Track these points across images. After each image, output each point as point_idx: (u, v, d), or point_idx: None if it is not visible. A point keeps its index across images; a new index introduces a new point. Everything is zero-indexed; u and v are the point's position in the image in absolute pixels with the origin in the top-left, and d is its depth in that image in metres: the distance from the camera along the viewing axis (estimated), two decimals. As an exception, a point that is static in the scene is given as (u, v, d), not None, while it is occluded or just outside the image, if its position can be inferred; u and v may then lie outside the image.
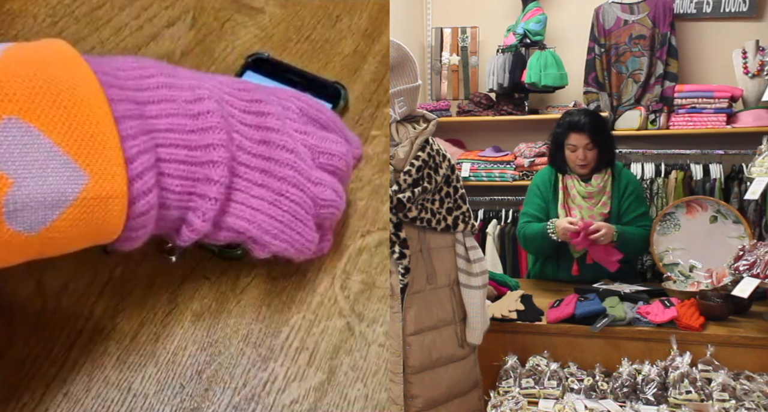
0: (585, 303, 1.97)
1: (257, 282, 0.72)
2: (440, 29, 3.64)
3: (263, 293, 0.71)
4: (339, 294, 0.72)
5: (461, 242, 1.65)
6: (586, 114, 2.36)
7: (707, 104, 3.13)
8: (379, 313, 0.72)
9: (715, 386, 1.59)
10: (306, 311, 0.71)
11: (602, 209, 2.31)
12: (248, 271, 0.72)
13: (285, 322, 0.70)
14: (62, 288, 0.68)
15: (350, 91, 0.85)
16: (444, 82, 3.63)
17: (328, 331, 0.70)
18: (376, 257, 0.75)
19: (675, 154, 3.25)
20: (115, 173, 0.49)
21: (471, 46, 3.62)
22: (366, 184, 0.80)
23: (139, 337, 0.66)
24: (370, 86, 0.88)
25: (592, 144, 2.27)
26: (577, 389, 1.69)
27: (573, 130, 2.29)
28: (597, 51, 3.34)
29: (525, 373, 1.74)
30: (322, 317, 0.70)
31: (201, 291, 0.70)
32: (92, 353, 0.64)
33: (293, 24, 0.91)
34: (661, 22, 3.23)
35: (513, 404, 1.61)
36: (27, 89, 0.45)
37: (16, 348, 0.63)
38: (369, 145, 0.83)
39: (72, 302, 0.67)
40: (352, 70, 0.88)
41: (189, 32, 0.87)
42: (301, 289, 0.72)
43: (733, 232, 2.26)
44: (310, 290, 0.72)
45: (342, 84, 0.84)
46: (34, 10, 0.85)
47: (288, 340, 0.68)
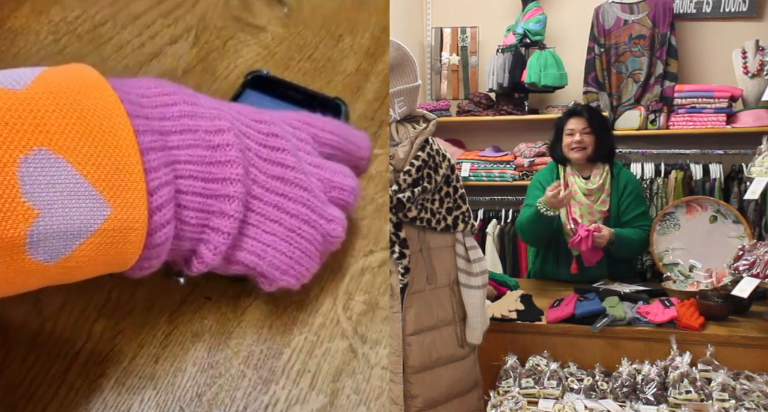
0: (585, 303, 1.97)
1: (258, 303, 0.71)
2: (440, 29, 3.64)
3: (265, 314, 0.70)
4: (341, 315, 0.71)
5: (461, 241, 1.65)
6: (586, 105, 2.50)
7: (707, 104, 3.13)
8: (381, 334, 0.71)
9: (714, 385, 1.59)
10: (308, 332, 0.70)
11: (601, 207, 2.31)
12: (249, 291, 0.71)
13: (287, 343, 0.68)
14: (60, 309, 0.67)
15: (352, 109, 0.86)
16: (444, 82, 3.63)
17: (330, 353, 0.69)
18: (379, 277, 0.75)
19: (675, 154, 3.25)
20: (138, 205, 0.50)
21: (471, 46, 3.61)
22: (369, 203, 0.80)
23: (137, 359, 0.65)
24: (373, 105, 0.88)
25: (590, 128, 2.32)
26: (577, 388, 1.69)
27: (572, 115, 2.38)
28: (597, 51, 3.34)
29: (525, 373, 1.74)
30: (325, 339, 0.69)
31: (201, 312, 0.69)
32: (90, 375, 0.63)
33: (296, 43, 0.92)
34: (660, 22, 3.23)
35: (513, 404, 1.61)
36: (59, 120, 0.46)
37: (13, 369, 0.62)
38: (372, 164, 0.82)
39: (70, 323, 0.66)
40: (355, 89, 0.89)
41: (191, 50, 0.88)
42: (303, 310, 0.71)
43: (732, 232, 2.26)
44: (313, 311, 0.71)
45: (342, 100, 0.84)
46: (36, 28, 0.85)
47: (290, 362, 0.67)
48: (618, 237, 2.21)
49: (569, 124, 2.36)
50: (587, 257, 2.24)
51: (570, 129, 2.35)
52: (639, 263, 2.98)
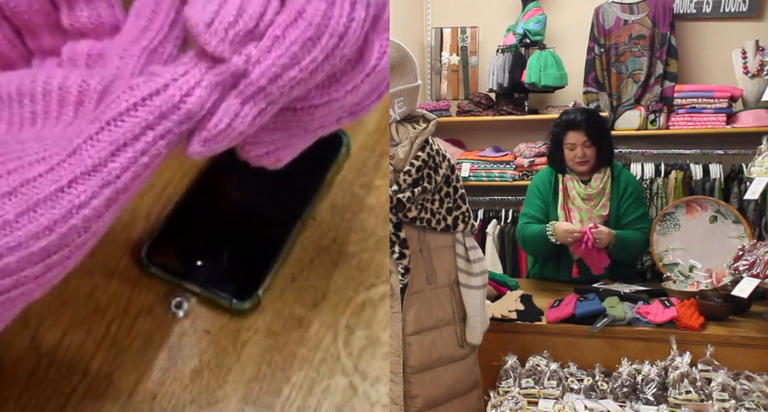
0: (585, 303, 1.97)
1: (258, 337, 0.70)
2: (440, 29, 3.64)
3: (264, 349, 0.69)
4: (342, 351, 0.70)
5: (461, 241, 1.65)
6: (583, 112, 2.38)
7: (707, 104, 3.13)
8: (382, 372, 0.70)
9: (714, 386, 1.59)
10: (308, 368, 0.69)
11: (601, 211, 2.30)
12: (249, 325, 0.70)
13: (286, 380, 0.68)
14: (57, 344, 0.66)
15: (353, 140, 0.86)
16: (444, 82, 3.63)
17: (330, 390, 0.68)
18: (380, 311, 0.74)
19: (675, 154, 3.24)
20: None
21: (471, 46, 3.61)
22: (370, 236, 0.80)
23: (135, 395, 0.64)
24: (374, 136, 0.89)
25: (590, 141, 2.27)
26: (577, 389, 1.69)
27: (570, 128, 2.29)
28: (597, 51, 3.34)
29: (525, 373, 1.74)
30: (325, 375, 0.68)
31: (200, 346, 0.68)
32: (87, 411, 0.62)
33: None
34: (660, 22, 3.23)
35: (513, 404, 1.61)
36: None
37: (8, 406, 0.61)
38: (372, 195, 0.83)
39: (67, 358, 0.65)
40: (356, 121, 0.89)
41: None
42: (303, 345, 0.70)
43: (732, 232, 2.26)
44: (313, 346, 0.70)
45: (344, 131, 0.85)
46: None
47: (289, 399, 0.66)
48: (618, 239, 2.20)
49: (569, 137, 2.29)
50: (594, 263, 2.22)
51: (570, 143, 2.29)
52: (639, 263, 2.98)
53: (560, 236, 2.17)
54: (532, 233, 2.28)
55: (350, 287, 0.75)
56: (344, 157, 0.85)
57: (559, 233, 2.18)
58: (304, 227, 0.79)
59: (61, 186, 0.49)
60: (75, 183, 0.50)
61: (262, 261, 0.74)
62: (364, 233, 0.80)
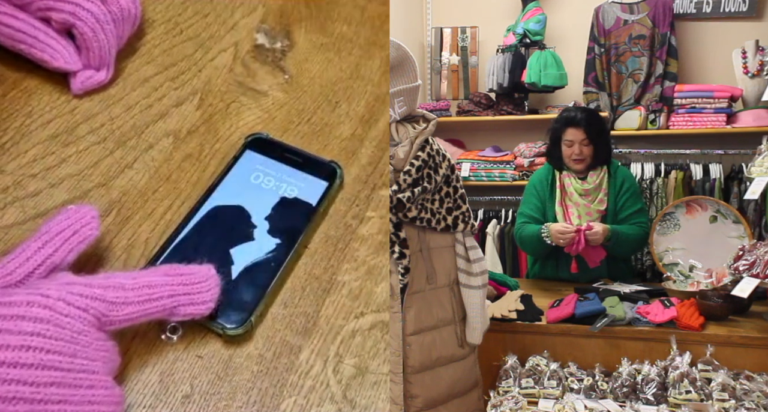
0: (585, 303, 1.97)
1: (249, 363, 0.71)
2: (440, 29, 3.64)
3: (254, 375, 0.71)
4: (331, 378, 0.72)
5: (461, 241, 1.65)
6: (583, 110, 2.42)
7: (707, 104, 3.13)
8: (370, 400, 0.71)
9: (714, 386, 1.59)
10: (297, 395, 0.70)
11: (599, 206, 2.31)
12: (241, 351, 0.72)
13: (275, 407, 0.68)
14: None
15: (347, 172, 0.90)
16: (444, 82, 3.63)
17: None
18: (370, 340, 0.76)
19: (675, 154, 3.25)
20: None
21: (471, 46, 3.61)
22: (361, 265, 0.82)
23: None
24: (367, 169, 0.92)
25: (588, 140, 2.30)
26: (577, 389, 1.69)
27: (570, 125, 2.33)
28: (597, 51, 3.34)
29: (525, 373, 1.74)
30: (314, 403, 0.69)
31: (193, 371, 0.70)
32: None
33: (295, 108, 0.97)
34: (660, 22, 3.23)
35: (513, 404, 1.61)
36: None
37: None
38: (364, 227, 0.86)
39: None
40: (350, 153, 0.94)
41: (195, 112, 0.93)
42: (293, 372, 0.71)
43: (732, 232, 2.26)
44: (303, 373, 0.72)
45: (338, 163, 0.89)
46: (50, 87, 0.90)
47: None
48: (615, 234, 2.21)
49: (567, 134, 2.32)
50: (590, 257, 2.24)
51: (569, 140, 2.32)
52: (639, 263, 2.98)
53: (553, 238, 2.19)
54: (529, 234, 2.30)
55: (341, 315, 0.77)
56: (337, 189, 0.88)
57: (552, 235, 2.19)
58: (297, 256, 0.82)
59: None
60: None
61: (255, 288, 0.77)
62: (355, 262, 0.82)
